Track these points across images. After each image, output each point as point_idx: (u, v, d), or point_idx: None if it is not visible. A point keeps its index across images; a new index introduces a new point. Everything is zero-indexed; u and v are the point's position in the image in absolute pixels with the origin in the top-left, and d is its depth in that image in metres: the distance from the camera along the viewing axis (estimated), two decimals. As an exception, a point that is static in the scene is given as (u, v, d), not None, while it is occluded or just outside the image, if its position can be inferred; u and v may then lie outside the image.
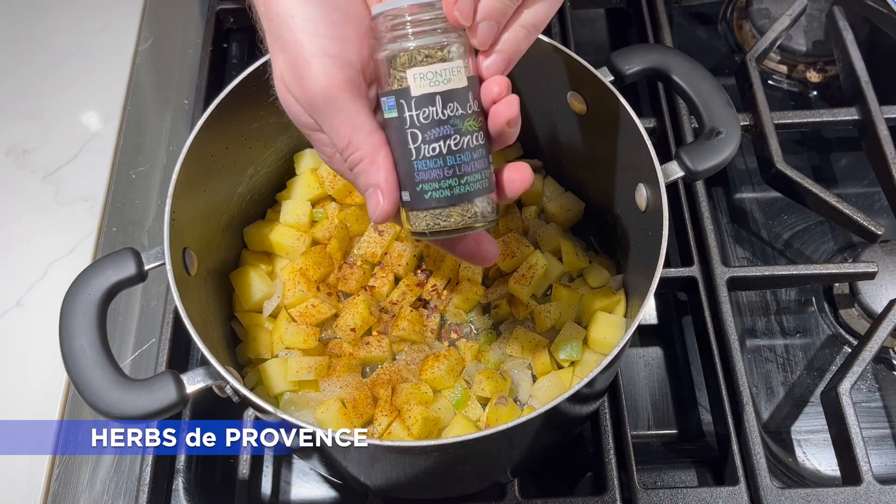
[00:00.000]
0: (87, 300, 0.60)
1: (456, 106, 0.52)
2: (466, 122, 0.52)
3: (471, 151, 0.53)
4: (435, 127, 0.52)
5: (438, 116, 0.52)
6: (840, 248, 0.95)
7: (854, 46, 0.99)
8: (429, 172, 0.53)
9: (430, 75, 0.51)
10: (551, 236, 0.83)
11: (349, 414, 0.74)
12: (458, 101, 0.52)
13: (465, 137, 0.52)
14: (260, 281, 0.80)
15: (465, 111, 0.52)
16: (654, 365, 0.89)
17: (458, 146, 0.52)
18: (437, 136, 0.52)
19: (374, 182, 0.53)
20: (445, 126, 0.52)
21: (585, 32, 1.17)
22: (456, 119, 0.52)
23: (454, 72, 0.51)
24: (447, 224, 0.54)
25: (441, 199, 0.53)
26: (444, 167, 0.52)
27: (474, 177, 0.53)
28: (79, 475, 0.82)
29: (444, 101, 0.51)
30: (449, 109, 0.52)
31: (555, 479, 0.81)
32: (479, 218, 0.55)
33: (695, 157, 0.68)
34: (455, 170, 0.53)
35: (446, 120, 0.52)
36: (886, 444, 0.83)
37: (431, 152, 0.52)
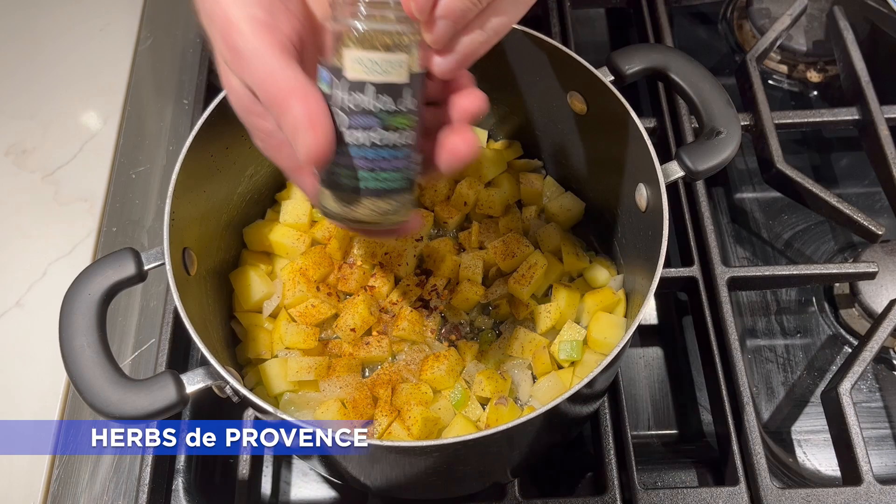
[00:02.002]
0: (87, 300, 0.60)
1: (388, 100, 0.49)
2: (396, 119, 0.50)
3: (394, 149, 0.51)
4: (361, 115, 0.49)
5: (367, 106, 0.49)
6: (840, 248, 0.95)
7: (854, 46, 0.99)
8: (346, 158, 0.50)
9: (369, 63, 0.49)
10: (551, 236, 0.83)
11: (349, 414, 0.74)
12: (393, 95, 0.50)
13: (392, 134, 0.50)
14: (260, 281, 0.80)
15: (397, 107, 0.50)
16: (654, 365, 0.89)
17: (382, 142, 0.50)
18: (360, 125, 0.50)
19: (303, 112, 0.48)
20: (372, 118, 0.50)
21: (585, 32, 1.17)
22: (385, 114, 0.50)
23: (395, 65, 0.49)
24: (355, 214, 0.53)
25: (352, 188, 0.51)
26: (362, 158, 0.50)
27: (392, 175, 0.51)
28: (79, 475, 0.82)
29: (377, 92, 0.49)
30: (380, 102, 0.49)
31: (555, 479, 0.81)
32: (389, 216, 0.53)
33: (695, 157, 0.68)
34: (372, 164, 0.51)
35: (375, 112, 0.49)
36: (886, 444, 0.83)
37: (352, 139, 0.50)
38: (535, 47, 0.75)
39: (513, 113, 0.86)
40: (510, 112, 0.86)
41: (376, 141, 0.50)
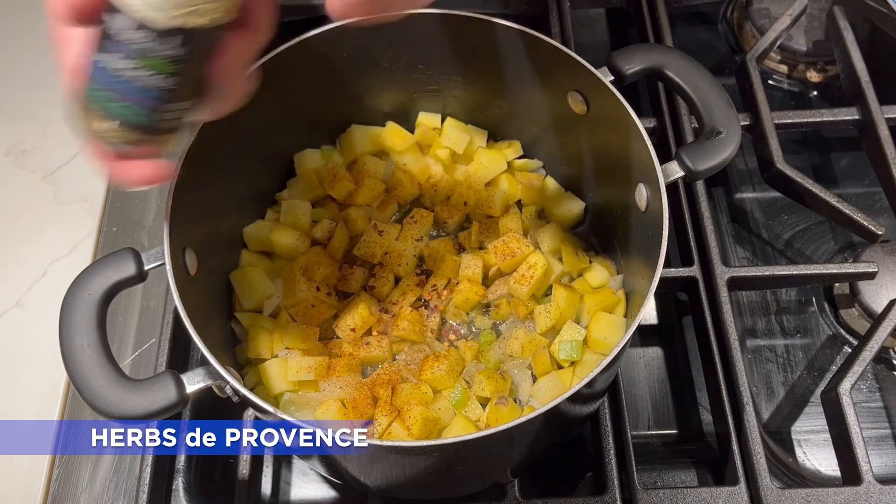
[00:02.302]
0: (87, 300, 0.60)
1: (148, 39, 0.49)
2: (152, 60, 0.49)
3: (140, 85, 0.50)
4: (118, 43, 0.49)
5: (126, 37, 0.49)
6: (840, 248, 0.95)
7: (854, 46, 0.99)
8: (98, 75, 0.50)
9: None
10: (551, 236, 0.83)
11: (349, 414, 0.74)
12: (161, 39, 0.49)
13: (143, 72, 0.49)
14: (260, 281, 0.80)
15: (158, 50, 0.49)
16: (654, 365, 0.89)
17: (130, 75, 0.49)
18: (117, 51, 0.49)
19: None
20: (126, 48, 0.49)
21: (585, 32, 1.17)
22: (141, 51, 0.49)
23: (177, 6, 0.48)
24: (92, 126, 0.53)
25: (92, 101, 0.51)
26: (111, 81, 0.50)
27: (129, 107, 0.51)
28: (79, 475, 0.82)
29: (139, 27, 0.48)
30: (139, 37, 0.48)
31: (555, 479, 0.81)
32: (119, 142, 0.53)
33: (695, 157, 0.68)
34: (117, 91, 0.50)
35: (132, 43, 0.49)
36: (886, 444, 0.83)
37: (106, 61, 0.50)
38: (535, 47, 0.75)
39: (513, 113, 0.86)
40: (510, 112, 0.86)
41: (126, 71, 0.49)
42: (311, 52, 0.76)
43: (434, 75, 0.84)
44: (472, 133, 0.88)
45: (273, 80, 0.74)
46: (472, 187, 0.86)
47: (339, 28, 0.75)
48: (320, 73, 0.80)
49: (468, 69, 0.83)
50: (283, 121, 0.82)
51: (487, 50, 0.78)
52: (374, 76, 0.84)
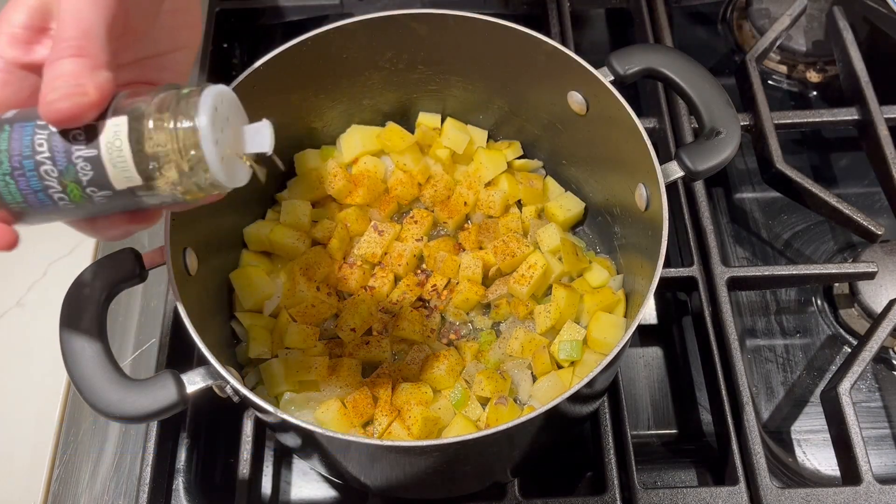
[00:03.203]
0: (87, 300, 0.60)
1: (89, 173, 0.48)
2: (74, 189, 0.49)
3: (46, 196, 0.49)
4: (68, 154, 0.48)
5: (75, 154, 0.48)
6: (840, 248, 0.95)
7: (854, 46, 0.99)
8: (20, 151, 0.48)
9: (116, 145, 0.47)
10: (551, 236, 0.83)
11: (349, 414, 0.74)
12: (98, 180, 0.48)
13: (57, 191, 0.49)
14: (260, 281, 0.80)
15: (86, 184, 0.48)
16: (654, 365, 0.89)
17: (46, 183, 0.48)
18: (60, 156, 0.48)
19: (94, 78, 0.47)
20: (68, 164, 0.48)
21: (585, 32, 1.17)
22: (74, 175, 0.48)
23: (123, 170, 0.48)
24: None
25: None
26: (27, 172, 0.48)
27: (19, 199, 0.50)
28: (79, 475, 0.82)
29: (88, 160, 0.48)
30: (83, 165, 0.48)
31: (555, 479, 0.81)
32: None
33: (695, 157, 0.68)
34: (24, 181, 0.49)
35: (73, 164, 0.48)
36: (886, 444, 0.83)
37: (38, 154, 0.48)
38: (535, 47, 0.75)
39: (513, 113, 0.86)
40: (510, 112, 0.86)
41: (45, 174, 0.48)
42: (311, 52, 0.76)
43: (434, 75, 0.84)
44: (472, 133, 0.88)
45: (273, 80, 0.74)
46: (472, 187, 0.86)
47: (339, 28, 0.75)
48: (320, 73, 0.80)
49: (468, 69, 0.83)
50: (282, 121, 0.82)
51: (487, 50, 0.78)
52: (374, 76, 0.84)
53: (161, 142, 0.47)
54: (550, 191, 0.89)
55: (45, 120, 0.47)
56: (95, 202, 0.49)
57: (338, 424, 0.73)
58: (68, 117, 0.47)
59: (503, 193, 0.86)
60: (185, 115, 0.47)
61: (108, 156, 0.47)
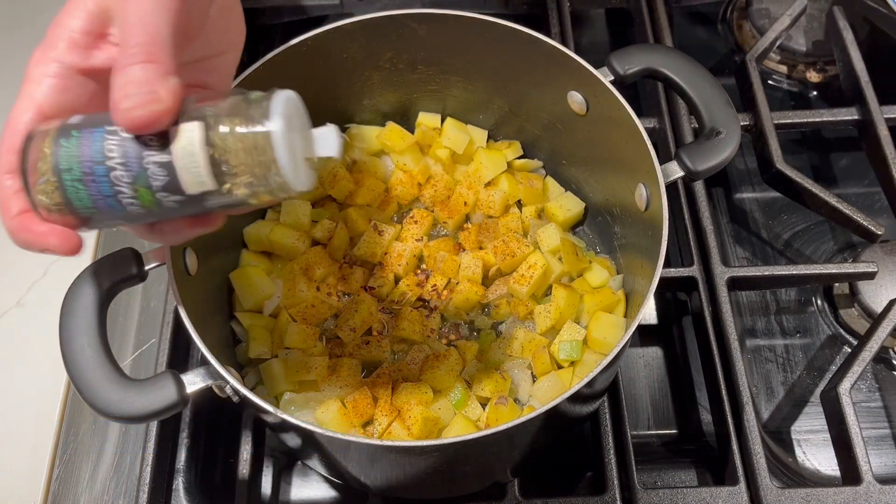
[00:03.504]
0: (87, 300, 0.60)
1: (161, 177, 0.48)
2: (145, 193, 0.49)
3: (115, 201, 0.49)
4: (140, 160, 0.48)
5: (150, 159, 0.48)
6: (840, 248, 0.95)
7: (854, 46, 0.99)
8: (81, 149, 0.48)
9: (186, 149, 0.48)
10: (551, 236, 0.83)
11: (349, 414, 0.74)
12: (171, 184, 0.48)
13: (129, 196, 0.49)
14: (260, 281, 0.80)
15: (155, 188, 0.48)
16: (654, 365, 0.89)
17: (115, 186, 0.48)
18: (132, 158, 0.48)
19: (167, 84, 0.47)
20: (139, 168, 0.48)
21: (585, 32, 1.17)
22: (144, 179, 0.48)
23: (196, 175, 0.48)
24: (37, 197, 0.50)
25: (56, 170, 0.49)
26: (97, 177, 0.49)
27: (87, 202, 0.49)
28: (79, 475, 0.82)
29: (161, 166, 0.48)
30: (156, 170, 0.48)
31: (555, 479, 0.81)
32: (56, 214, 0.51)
33: (695, 157, 0.68)
34: (91, 184, 0.49)
35: (145, 168, 0.48)
36: (886, 444, 0.83)
37: (110, 158, 0.48)
38: (535, 47, 0.75)
39: (513, 113, 0.86)
40: (510, 112, 0.86)
41: (115, 180, 0.48)
42: (311, 52, 0.76)
43: (434, 75, 0.84)
44: (472, 133, 0.88)
45: (273, 80, 0.74)
46: (472, 187, 0.86)
47: (339, 28, 0.75)
48: (320, 73, 0.80)
49: (468, 69, 0.83)
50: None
51: (487, 50, 0.78)
52: (374, 76, 0.84)
53: (235, 146, 0.47)
54: (550, 191, 0.89)
55: (120, 127, 0.48)
56: (164, 207, 0.49)
57: (338, 424, 0.73)
58: (145, 124, 0.47)
59: (503, 193, 0.86)
60: (258, 119, 0.47)
61: (181, 161, 0.48)
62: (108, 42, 0.52)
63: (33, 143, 0.50)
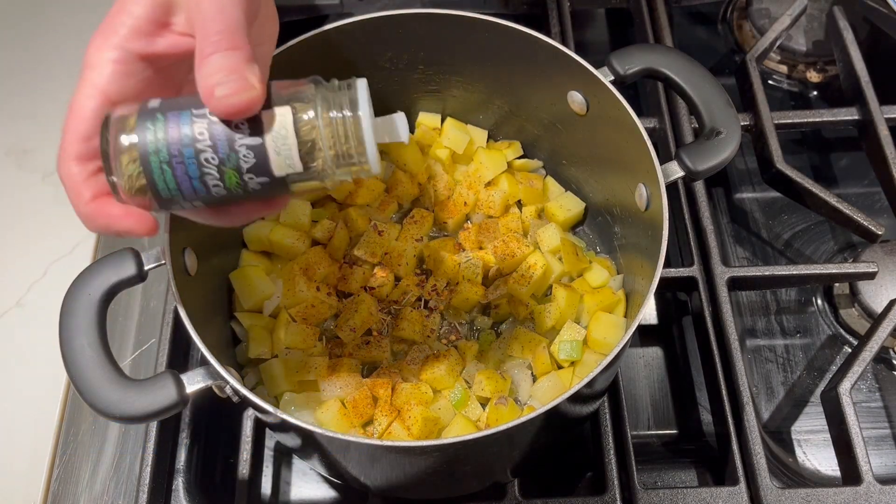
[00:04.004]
0: (87, 300, 0.60)
1: (250, 159, 0.50)
2: (232, 175, 0.50)
3: (201, 182, 0.50)
4: (231, 141, 0.49)
5: (240, 142, 0.49)
6: (840, 248, 0.95)
7: (854, 46, 0.99)
8: (179, 138, 0.50)
9: (280, 133, 0.50)
10: (551, 236, 0.83)
11: (349, 414, 0.74)
12: (258, 164, 0.50)
13: (213, 177, 0.50)
14: (260, 281, 0.80)
15: (244, 170, 0.50)
16: (654, 365, 0.89)
17: (202, 168, 0.50)
18: (221, 144, 0.49)
19: (256, 71, 0.49)
20: (230, 151, 0.50)
21: (585, 32, 1.17)
22: (233, 161, 0.50)
23: (286, 156, 0.50)
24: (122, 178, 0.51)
25: (144, 156, 0.50)
26: (185, 158, 0.50)
27: (172, 183, 0.50)
28: (79, 475, 0.82)
29: (250, 148, 0.49)
30: (245, 152, 0.50)
31: (555, 479, 0.81)
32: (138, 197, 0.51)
33: (695, 157, 0.68)
34: (179, 165, 0.50)
35: (234, 150, 0.50)
36: (886, 444, 0.83)
37: (199, 143, 0.49)
38: (535, 47, 0.75)
39: (513, 113, 0.86)
40: (510, 112, 0.86)
41: (204, 162, 0.49)
42: (311, 53, 0.76)
43: (434, 75, 0.84)
44: (472, 133, 0.88)
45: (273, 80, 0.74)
46: (472, 187, 0.86)
47: (339, 28, 0.75)
48: (320, 73, 0.80)
49: (468, 69, 0.83)
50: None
51: (487, 50, 0.78)
52: (374, 76, 0.83)
53: (324, 130, 0.50)
54: (550, 191, 0.89)
55: (216, 113, 0.49)
56: (248, 189, 0.51)
57: (338, 424, 0.73)
58: (240, 110, 0.49)
59: (503, 193, 0.86)
60: (347, 105, 0.50)
61: (273, 144, 0.49)
62: (171, 31, 0.53)
63: (112, 127, 0.50)
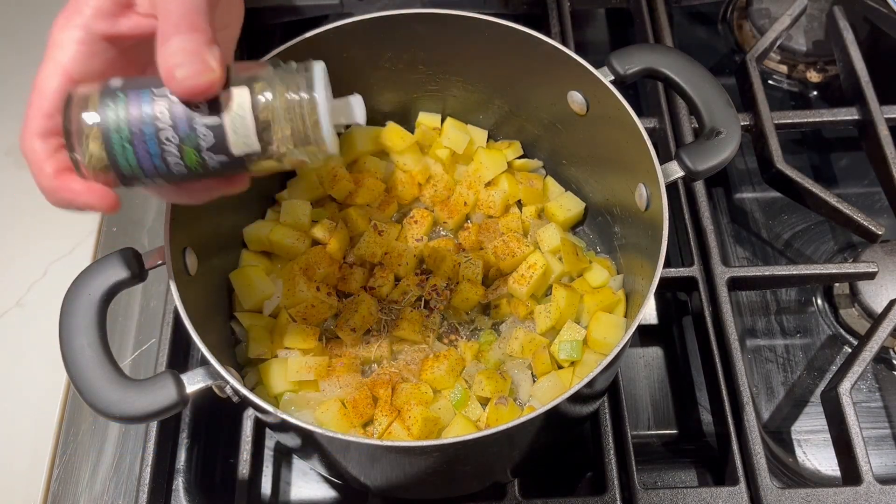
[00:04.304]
0: (87, 300, 0.60)
1: (209, 138, 0.51)
2: (191, 154, 0.52)
3: (161, 160, 0.51)
4: (190, 122, 0.51)
5: (200, 121, 0.51)
6: (840, 248, 0.95)
7: (854, 46, 0.99)
8: (139, 117, 0.51)
9: (238, 111, 0.51)
10: (551, 236, 0.83)
11: (349, 414, 0.74)
12: (217, 145, 0.51)
13: (173, 156, 0.51)
14: (260, 281, 0.80)
15: (203, 149, 0.52)
16: (654, 365, 0.89)
17: (162, 143, 0.51)
18: (182, 125, 0.51)
19: (214, 52, 0.50)
20: (189, 130, 0.51)
21: (585, 32, 1.17)
22: (193, 140, 0.51)
23: (244, 136, 0.51)
24: (87, 156, 0.52)
25: (105, 133, 0.51)
26: (146, 136, 0.51)
27: (133, 161, 0.52)
28: (79, 475, 0.82)
29: (209, 127, 0.51)
30: (203, 131, 0.51)
31: (555, 479, 0.81)
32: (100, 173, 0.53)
33: (695, 157, 0.68)
34: (140, 144, 0.51)
35: (193, 130, 0.51)
36: (886, 444, 0.83)
37: (159, 122, 0.51)
38: (535, 47, 0.75)
39: (513, 113, 0.86)
40: (510, 112, 0.86)
41: (165, 140, 0.51)
42: (311, 52, 0.76)
43: (434, 75, 0.84)
44: (472, 133, 0.88)
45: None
46: (472, 187, 0.86)
47: (339, 28, 0.75)
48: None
49: (468, 69, 0.83)
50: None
51: (487, 50, 0.78)
52: (374, 76, 0.84)
53: (281, 111, 0.51)
54: (550, 191, 0.89)
55: (175, 94, 0.50)
56: (207, 167, 0.52)
57: (338, 424, 0.73)
58: (200, 92, 0.50)
59: (503, 193, 0.86)
60: (303, 87, 0.51)
61: (231, 123, 0.51)
62: (134, 12, 0.53)
63: (74, 105, 0.52)
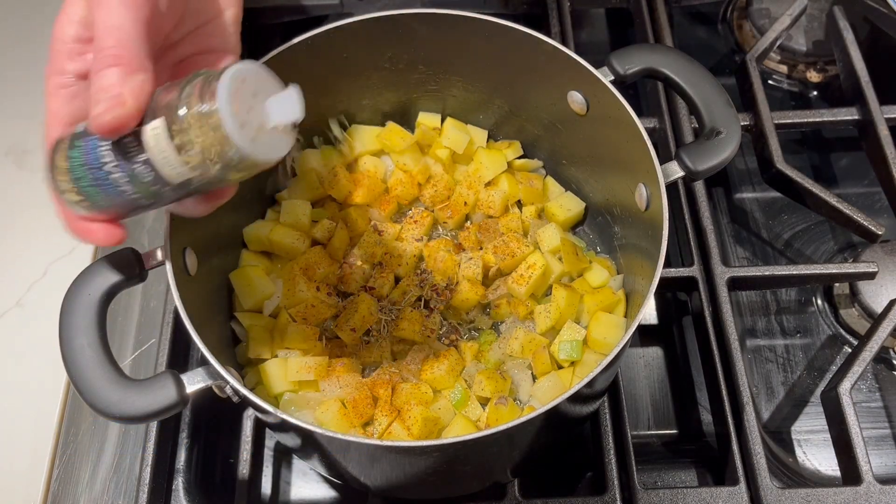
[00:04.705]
0: (87, 300, 0.60)
1: (145, 174, 0.51)
2: (143, 186, 0.52)
3: (116, 191, 0.53)
4: (129, 161, 0.51)
5: (138, 158, 0.51)
6: (840, 248, 0.95)
7: (854, 46, 0.99)
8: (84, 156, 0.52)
9: (162, 145, 0.51)
10: (551, 236, 0.83)
11: (349, 414, 0.74)
12: (155, 179, 0.52)
13: (127, 186, 0.52)
14: (260, 281, 0.80)
15: (140, 181, 0.52)
16: (654, 365, 0.89)
17: (112, 178, 0.52)
18: (125, 163, 0.51)
19: (130, 85, 0.50)
20: (129, 170, 0.52)
21: (585, 32, 1.17)
22: (135, 174, 0.52)
23: (176, 166, 0.51)
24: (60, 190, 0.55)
25: (70, 169, 0.54)
26: (96, 171, 0.52)
27: (94, 195, 0.54)
28: (79, 475, 0.82)
29: (146, 162, 0.51)
30: (142, 169, 0.51)
31: (555, 479, 0.81)
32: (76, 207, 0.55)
33: (695, 157, 0.68)
34: (94, 179, 0.53)
35: (136, 168, 0.51)
36: (886, 444, 0.83)
37: (104, 156, 0.52)
38: (535, 47, 0.75)
39: (513, 113, 0.86)
40: (510, 112, 0.86)
41: (119, 181, 0.52)
42: (311, 52, 0.76)
43: (434, 75, 0.84)
44: (472, 133, 0.88)
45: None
46: (472, 187, 0.86)
47: (339, 28, 0.75)
48: (320, 73, 0.80)
49: (468, 69, 0.83)
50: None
51: (487, 50, 0.78)
52: (374, 76, 0.84)
53: (194, 132, 0.49)
54: (550, 191, 0.89)
55: (93, 132, 0.51)
56: (166, 196, 0.53)
57: (338, 424, 0.73)
58: (113, 129, 0.50)
59: (503, 193, 0.86)
60: (209, 99, 0.49)
61: (156, 157, 0.50)
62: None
63: (57, 154, 0.54)
